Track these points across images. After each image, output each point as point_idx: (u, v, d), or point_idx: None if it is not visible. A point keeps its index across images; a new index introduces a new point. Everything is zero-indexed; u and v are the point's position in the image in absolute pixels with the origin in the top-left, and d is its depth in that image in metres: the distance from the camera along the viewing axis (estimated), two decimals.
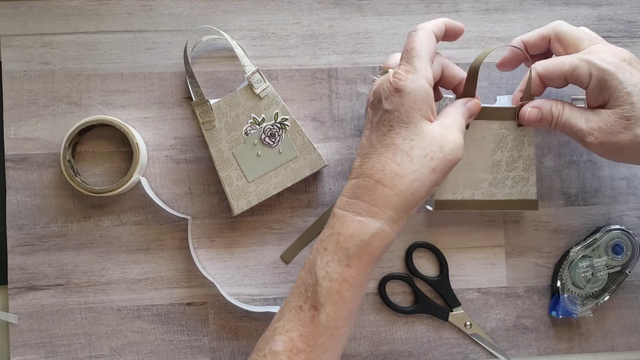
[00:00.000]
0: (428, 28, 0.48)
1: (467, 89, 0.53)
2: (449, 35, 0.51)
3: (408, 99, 0.45)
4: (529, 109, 0.53)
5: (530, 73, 0.52)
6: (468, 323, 0.59)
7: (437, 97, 0.54)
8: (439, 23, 0.49)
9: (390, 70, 0.48)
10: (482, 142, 0.55)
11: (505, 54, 0.55)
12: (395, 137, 0.45)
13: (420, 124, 0.46)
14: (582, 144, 0.50)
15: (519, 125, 0.55)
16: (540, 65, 0.51)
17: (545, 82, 0.52)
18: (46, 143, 0.58)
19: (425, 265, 0.60)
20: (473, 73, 0.52)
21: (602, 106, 0.50)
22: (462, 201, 0.56)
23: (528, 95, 0.54)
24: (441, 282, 0.59)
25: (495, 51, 0.56)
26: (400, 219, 0.46)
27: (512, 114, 0.55)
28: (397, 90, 0.45)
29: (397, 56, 0.50)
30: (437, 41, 0.49)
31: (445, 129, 0.47)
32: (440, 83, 0.53)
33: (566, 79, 0.50)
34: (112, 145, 0.58)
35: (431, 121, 0.47)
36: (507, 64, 0.56)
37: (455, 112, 0.50)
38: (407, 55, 0.47)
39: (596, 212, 0.61)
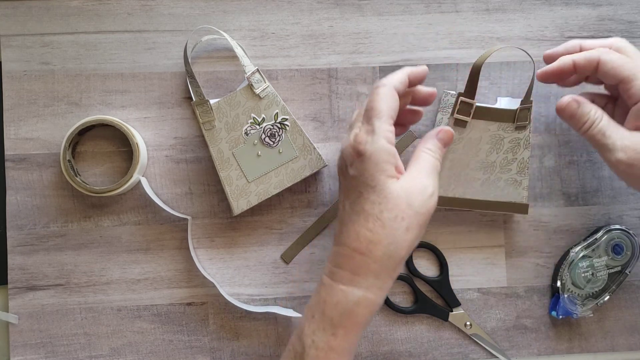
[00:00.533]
0: (389, 84, 0.47)
1: (468, 88, 0.53)
2: (413, 83, 0.50)
3: (370, 163, 0.45)
4: (570, 99, 0.51)
5: (534, 76, 0.53)
6: (468, 323, 0.59)
7: (401, 131, 0.54)
8: (401, 77, 0.48)
9: (354, 131, 0.47)
10: (479, 142, 0.56)
11: (552, 66, 0.52)
12: (364, 202, 0.45)
13: (386, 185, 0.45)
14: (608, 161, 0.49)
15: (517, 128, 0.55)
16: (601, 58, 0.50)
17: (581, 72, 0.51)
18: (46, 143, 0.58)
19: (425, 265, 0.60)
20: (475, 73, 0.52)
21: None
22: (453, 198, 0.57)
23: (529, 98, 0.54)
24: (441, 282, 0.59)
25: (497, 52, 0.56)
26: (384, 284, 0.46)
27: (512, 117, 0.55)
28: (359, 155, 0.45)
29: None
30: (403, 91, 0.48)
31: (414, 181, 0.46)
32: (417, 103, 0.53)
33: (617, 86, 0.49)
34: (112, 145, 0.58)
35: (398, 178, 0.46)
36: (551, 77, 0.53)
37: (425, 154, 0.48)
38: (367, 115, 0.46)
39: (596, 212, 0.61)
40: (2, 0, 0.58)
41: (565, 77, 0.53)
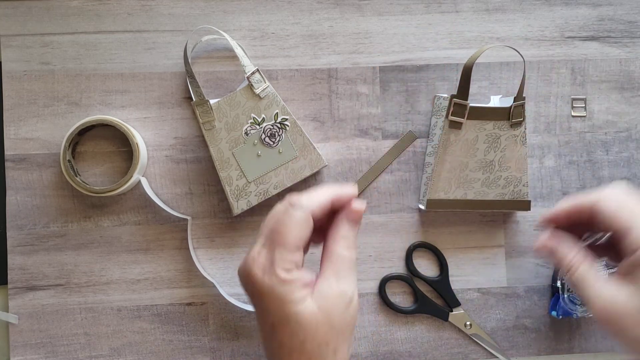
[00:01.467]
0: (306, 208, 0.41)
1: (460, 90, 0.54)
2: (335, 208, 0.43)
3: (272, 298, 0.39)
4: (545, 240, 0.47)
5: (525, 72, 0.53)
6: (468, 323, 0.59)
7: (320, 240, 0.45)
8: (322, 201, 0.42)
9: (254, 250, 0.41)
10: (475, 142, 0.56)
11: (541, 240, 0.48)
12: (282, 336, 0.39)
13: (300, 313, 0.39)
14: (588, 309, 0.46)
15: (512, 125, 0.56)
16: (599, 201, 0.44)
17: (574, 219, 0.46)
18: (46, 143, 0.58)
19: (426, 265, 0.60)
20: (466, 74, 0.53)
21: (629, 275, 0.43)
22: (454, 201, 0.57)
23: (521, 95, 0.54)
24: (441, 282, 0.59)
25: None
26: None
27: (506, 115, 0.55)
28: (256, 288, 0.40)
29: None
30: (320, 216, 0.42)
31: (330, 291, 0.40)
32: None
33: (614, 237, 0.44)
34: (112, 145, 0.58)
35: (311, 292, 0.40)
36: (544, 250, 0.48)
37: (339, 249, 0.42)
38: (271, 238, 0.40)
39: None
40: (2, 0, 0.58)
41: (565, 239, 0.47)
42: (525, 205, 0.57)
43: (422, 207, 0.58)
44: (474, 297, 0.60)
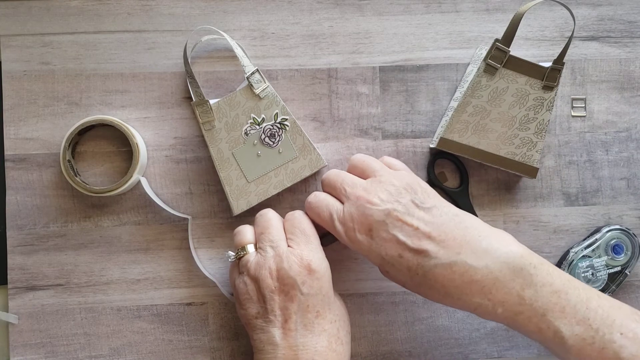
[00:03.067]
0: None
1: (506, 36, 0.54)
2: None
3: (324, 280, 0.46)
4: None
5: (571, 37, 0.53)
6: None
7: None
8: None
9: (249, 246, 0.49)
10: (504, 93, 0.55)
11: None
12: (324, 322, 0.45)
13: (336, 301, 0.47)
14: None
15: (544, 87, 0.55)
16: None
17: None
18: (46, 143, 0.58)
19: (447, 175, 0.60)
20: (516, 21, 0.53)
21: None
22: (466, 146, 0.56)
23: (561, 59, 0.54)
24: (461, 193, 0.59)
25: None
26: None
27: (542, 74, 0.55)
28: (312, 272, 0.45)
29: (248, 231, 0.51)
30: None
31: (335, 295, 0.49)
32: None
33: None
34: (112, 145, 0.58)
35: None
36: None
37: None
38: (304, 235, 0.48)
39: (596, 212, 0.61)
40: (2, 0, 0.58)
41: None
42: (533, 172, 0.57)
43: (432, 145, 0.58)
44: None
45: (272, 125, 0.56)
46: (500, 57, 0.55)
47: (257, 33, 0.59)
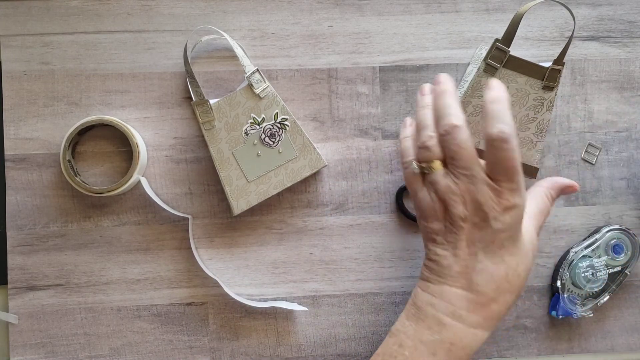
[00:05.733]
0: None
1: (506, 36, 0.54)
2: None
3: (517, 218, 0.45)
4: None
5: (572, 37, 0.53)
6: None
7: None
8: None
9: (437, 163, 0.46)
10: None
11: None
12: (505, 255, 0.46)
13: (521, 238, 0.46)
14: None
15: (544, 87, 0.55)
16: None
17: None
18: (46, 143, 0.58)
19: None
20: (516, 21, 0.53)
21: None
22: None
23: (561, 59, 0.54)
24: None
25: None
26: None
27: (542, 75, 0.55)
28: (507, 209, 0.45)
29: (435, 143, 0.47)
30: None
31: (532, 229, 0.48)
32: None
33: None
34: (112, 145, 0.58)
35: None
36: None
37: (542, 198, 0.50)
38: (507, 175, 0.44)
39: (596, 212, 0.61)
40: (2, 0, 0.58)
41: None
42: (533, 172, 0.57)
43: None
44: None
45: (272, 125, 0.56)
46: (500, 57, 0.55)
47: (257, 33, 0.59)
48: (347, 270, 0.59)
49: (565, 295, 0.58)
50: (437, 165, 0.47)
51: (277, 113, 0.56)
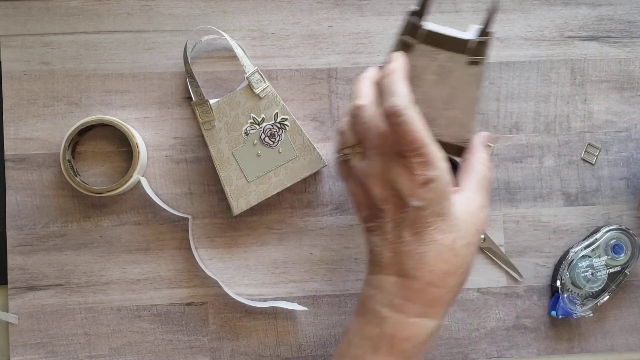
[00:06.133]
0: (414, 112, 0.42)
1: (420, 8, 0.47)
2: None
3: (437, 191, 0.42)
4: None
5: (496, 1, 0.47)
6: (481, 236, 0.57)
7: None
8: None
9: (351, 149, 0.45)
10: (424, 72, 0.48)
11: None
12: (435, 232, 0.42)
13: (452, 210, 0.43)
14: None
15: (470, 63, 0.48)
16: None
17: None
18: (46, 143, 0.58)
19: None
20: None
21: None
22: None
23: (487, 28, 0.47)
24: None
25: None
26: (451, 307, 0.46)
27: (464, 47, 0.47)
28: (424, 184, 0.42)
29: (349, 130, 0.46)
30: None
31: (474, 199, 0.45)
32: None
33: None
34: (112, 145, 0.58)
35: (455, 196, 0.44)
36: None
37: (480, 165, 0.47)
38: (415, 145, 0.41)
39: (596, 212, 0.61)
40: (2, 0, 0.58)
41: None
42: (460, 152, 0.50)
43: None
44: (473, 297, 0.60)
45: (272, 125, 0.56)
46: (416, 32, 0.47)
47: (257, 33, 0.59)
48: (347, 270, 0.59)
49: (565, 295, 0.58)
50: (352, 150, 0.45)
51: (277, 113, 0.56)
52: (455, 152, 0.50)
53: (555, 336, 0.60)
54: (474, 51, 0.48)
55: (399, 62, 0.45)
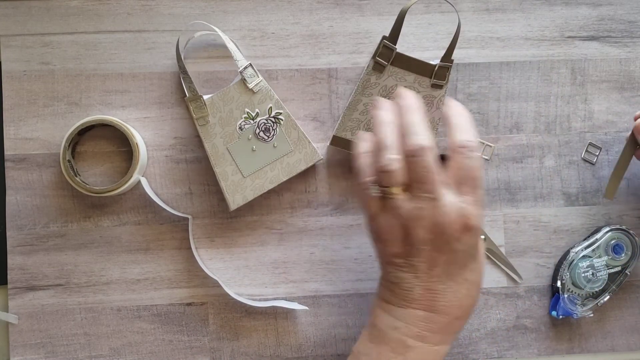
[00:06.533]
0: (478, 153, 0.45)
1: (392, 33, 0.54)
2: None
3: (477, 236, 0.45)
4: None
5: (457, 33, 0.53)
6: (482, 236, 0.57)
7: None
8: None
9: (397, 189, 0.44)
10: (393, 91, 0.55)
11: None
12: (467, 273, 0.46)
13: (480, 251, 0.47)
14: None
15: (432, 86, 0.55)
16: None
17: None
18: (46, 143, 0.58)
19: None
20: (400, 18, 0.53)
21: None
22: (351, 141, 0.56)
23: (449, 56, 0.54)
24: None
25: None
26: None
27: (430, 72, 0.55)
28: (470, 229, 0.44)
29: (399, 168, 0.44)
30: None
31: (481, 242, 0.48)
32: None
33: None
34: (112, 145, 0.58)
35: None
36: None
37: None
38: (471, 185, 0.44)
39: (596, 212, 0.60)
40: (2, 0, 0.58)
41: None
42: None
43: (328, 143, 0.58)
44: None
45: (266, 120, 0.56)
46: (388, 55, 0.54)
47: (257, 33, 0.59)
48: (347, 270, 0.59)
49: (566, 296, 0.58)
50: (399, 190, 0.45)
51: (270, 107, 0.56)
52: None
53: (556, 336, 0.60)
54: (436, 75, 0.55)
55: (462, 107, 0.47)
